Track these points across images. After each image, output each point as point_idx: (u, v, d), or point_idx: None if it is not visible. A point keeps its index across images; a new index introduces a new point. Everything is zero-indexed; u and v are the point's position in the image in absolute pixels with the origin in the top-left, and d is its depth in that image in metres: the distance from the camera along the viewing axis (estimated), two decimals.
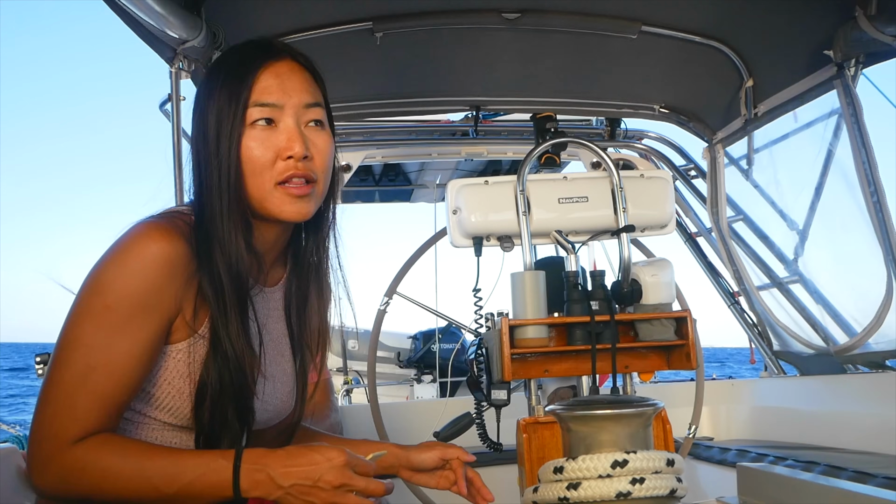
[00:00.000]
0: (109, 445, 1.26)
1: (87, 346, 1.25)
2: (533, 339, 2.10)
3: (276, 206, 1.37)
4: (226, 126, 1.35)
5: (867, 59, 2.69)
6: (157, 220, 1.33)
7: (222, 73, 1.41)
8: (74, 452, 1.23)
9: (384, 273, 3.03)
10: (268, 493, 1.27)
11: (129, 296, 1.26)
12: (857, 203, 2.75)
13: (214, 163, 1.35)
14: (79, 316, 1.27)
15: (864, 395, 3.14)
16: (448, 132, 4.06)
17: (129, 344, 1.26)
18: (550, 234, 2.31)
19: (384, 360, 8.59)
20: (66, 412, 1.23)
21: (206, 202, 1.37)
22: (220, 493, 1.26)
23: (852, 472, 2.42)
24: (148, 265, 1.27)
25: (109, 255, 1.29)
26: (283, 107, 1.37)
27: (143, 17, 2.08)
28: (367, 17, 2.78)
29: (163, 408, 1.35)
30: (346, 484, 1.27)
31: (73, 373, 1.24)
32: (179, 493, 1.25)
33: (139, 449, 1.29)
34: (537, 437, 2.09)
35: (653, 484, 1.29)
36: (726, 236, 3.61)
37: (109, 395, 1.26)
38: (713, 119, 3.53)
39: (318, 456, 1.28)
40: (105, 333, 1.25)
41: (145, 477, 1.24)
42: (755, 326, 3.86)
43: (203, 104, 1.40)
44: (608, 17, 2.85)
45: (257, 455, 1.28)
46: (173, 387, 1.35)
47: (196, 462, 1.27)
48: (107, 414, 1.26)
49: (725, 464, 3.33)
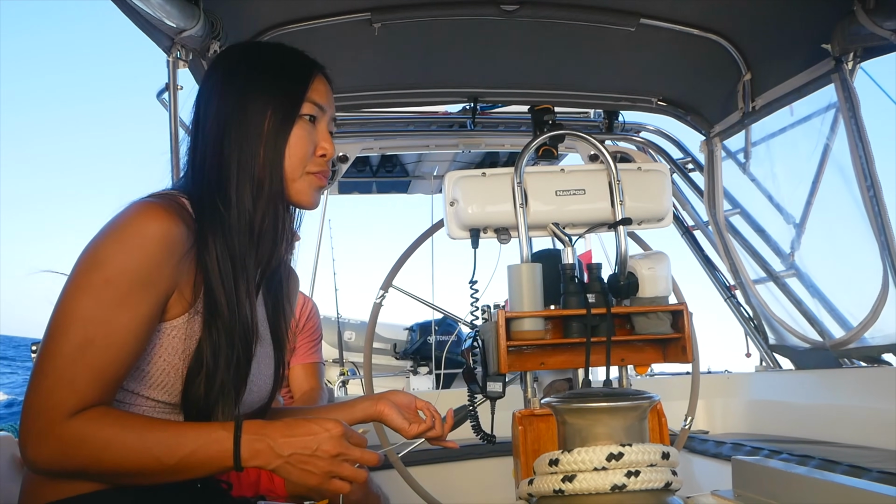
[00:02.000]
0: (110, 417, 1.27)
1: (85, 320, 1.25)
2: (529, 331, 2.10)
3: (300, 192, 1.49)
4: (278, 112, 1.46)
5: (865, 54, 2.69)
6: (154, 199, 1.36)
7: (271, 67, 1.51)
8: (73, 424, 1.23)
9: (381, 264, 3.03)
10: (267, 463, 1.30)
11: (128, 270, 1.27)
12: (853, 197, 2.75)
13: (256, 142, 1.44)
14: (77, 290, 1.27)
15: (860, 390, 3.15)
16: (446, 124, 4.06)
17: (128, 318, 1.27)
18: (547, 227, 2.30)
19: (380, 352, 8.60)
20: (65, 384, 1.24)
21: (230, 177, 1.42)
22: (221, 463, 1.29)
23: (847, 466, 2.43)
24: (147, 241, 1.28)
25: (108, 231, 1.30)
26: (325, 112, 1.52)
27: (141, 6, 2.08)
28: (366, 7, 2.77)
29: (157, 385, 1.36)
30: (342, 453, 1.32)
31: (72, 345, 1.24)
32: (180, 464, 1.26)
33: (139, 420, 1.31)
34: (533, 429, 2.09)
35: (648, 477, 1.30)
36: (723, 230, 3.62)
37: (107, 369, 1.26)
38: (711, 112, 3.53)
39: (315, 426, 1.32)
40: (104, 307, 1.26)
41: (146, 447, 1.25)
42: (751, 320, 3.86)
43: (241, 90, 1.47)
44: (606, 10, 2.84)
45: (257, 426, 1.31)
46: (168, 363, 1.36)
47: (196, 433, 1.29)
48: (104, 387, 1.27)
49: (720, 457, 3.34)
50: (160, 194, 1.40)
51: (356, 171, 4.90)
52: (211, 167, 1.44)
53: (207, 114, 1.47)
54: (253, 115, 1.44)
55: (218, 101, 1.47)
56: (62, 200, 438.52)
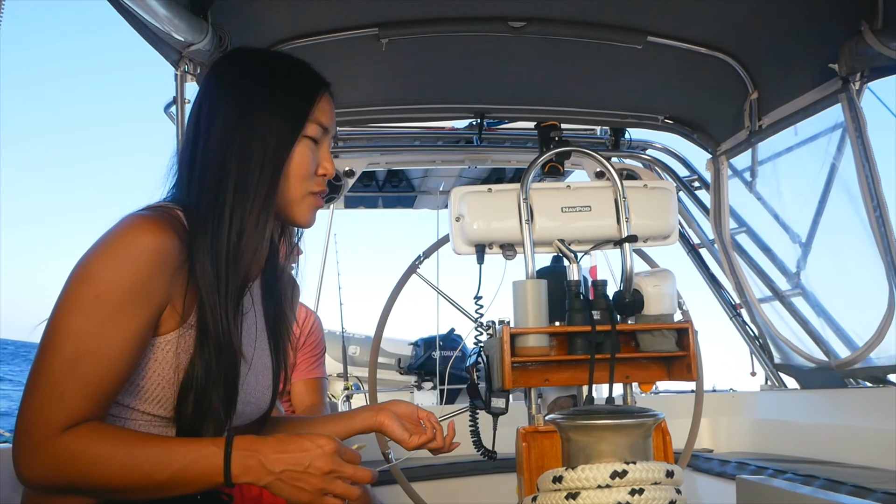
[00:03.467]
0: (100, 433, 1.25)
1: (76, 335, 1.24)
2: (534, 347, 2.10)
3: (301, 212, 1.50)
4: (283, 131, 1.45)
5: (872, 74, 2.69)
6: (147, 212, 1.35)
7: (279, 82, 1.49)
8: (64, 440, 1.22)
9: (386, 279, 3.03)
10: (258, 479, 1.29)
11: (119, 285, 1.26)
12: (859, 217, 2.75)
13: (258, 158, 1.42)
14: (68, 305, 1.26)
15: (865, 410, 3.14)
16: (452, 139, 4.07)
17: (119, 333, 1.26)
18: (553, 243, 2.30)
19: (385, 367, 8.59)
20: (56, 400, 1.23)
21: (227, 191, 1.40)
22: (212, 479, 1.27)
23: (852, 487, 2.42)
24: (139, 256, 1.27)
25: (99, 245, 1.29)
26: (328, 132, 1.52)
27: (150, 19, 2.08)
28: (373, 23, 2.78)
29: (151, 399, 1.36)
30: (334, 470, 1.30)
31: (62, 360, 1.23)
32: (170, 480, 1.25)
33: (129, 436, 1.29)
34: (537, 445, 2.08)
35: (652, 495, 1.29)
36: (729, 248, 3.61)
37: (98, 384, 1.25)
38: (717, 130, 3.53)
39: (308, 443, 1.31)
40: (95, 322, 1.25)
41: (136, 464, 1.24)
42: (756, 339, 3.85)
43: (248, 104, 1.45)
44: (614, 27, 2.85)
45: (248, 441, 1.29)
46: (162, 377, 1.35)
47: (187, 449, 1.28)
48: (95, 403, 1.26)
49: (725, 476, 3.33)
50: (154, 207, 1.39)
51: (362, 186, 4.91)
52: (210, 179, 1.41)
53: (212, 122, 1.45)
54: (257, 131, 1.43)
55: (223, 112, 1.45)
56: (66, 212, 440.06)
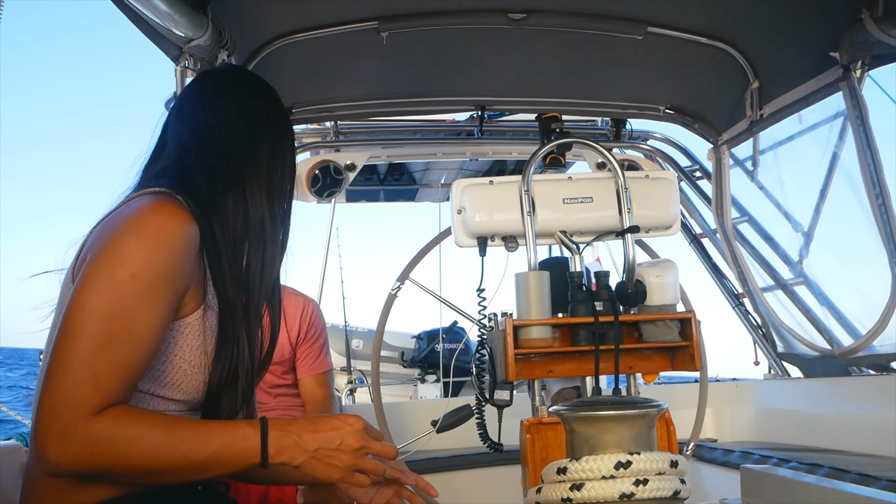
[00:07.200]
0: (136, 415, 1.26)
1: (108, 316, 1.23)
2: (537, 339, 2.10)
3: None
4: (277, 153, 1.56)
5: (873, 62, 2.69)
6: (167, 198, 1.36)
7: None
8: (98, 422, 1.21)
9: (388, 272, 3.03)
10: (293, 458, 1.32)
11: (153, 267, 1.27)
12: (861, 205, 2.75)
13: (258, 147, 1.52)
14: (98, 285, 1.25)
15: (869, 398, 3.14)
16: (453, 132, 4.06)
17: (150, 314, 1.27)
18: (555, 235, 2.30)
19: (388, 360, 8.60)
20: (88, 381, 1.21)
21: (228, 179, 1.46)
22: (248, 459, 1.29)
23: (856, 475, 2.42)
24: (170, 239, 1.29)
25: (128, 227, 1.30)
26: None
27: (150, 15, 2.08)
28: (373, 16, 2.78)
29: (173, 384, 1.37)
30: (364, 447, 1.36)
31: (96, 342, 1.22)
32: (208, 461, 1.27)
33: (165, 418, 1.32)
34: (541, 437, 2.09)
35: (656, 485, 1.29)
36: (731, 238, 3.61)
37: (130, 366, 1.25)
38: (719, 120, 3.53)
39: (338, 421, 1.36)
40: (128, 303, 1.25)
41: (175, 445, 1.25)
42: (759, 328, 3.85)
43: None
44: (614, 18, 2.84)
45: (282, 422, 1.33)
46: (185, 360, 1.37)
47: (223, 430, 1.30)
48: (127, 384, 1.26)
49: (729, 465, 3.33)
50: (164, 192, 1.40)
51: (364, 180, 4.92)
52: (210, 167, 1.46)
53: (215, 110, 1.52)
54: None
55: (223, 102, 1.53)
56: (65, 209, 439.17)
